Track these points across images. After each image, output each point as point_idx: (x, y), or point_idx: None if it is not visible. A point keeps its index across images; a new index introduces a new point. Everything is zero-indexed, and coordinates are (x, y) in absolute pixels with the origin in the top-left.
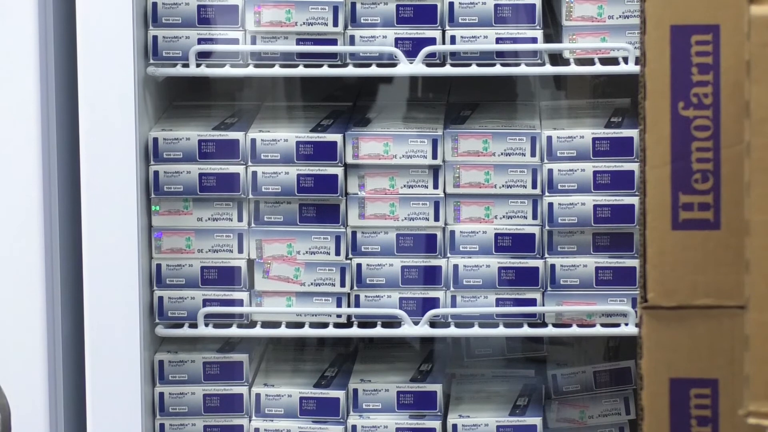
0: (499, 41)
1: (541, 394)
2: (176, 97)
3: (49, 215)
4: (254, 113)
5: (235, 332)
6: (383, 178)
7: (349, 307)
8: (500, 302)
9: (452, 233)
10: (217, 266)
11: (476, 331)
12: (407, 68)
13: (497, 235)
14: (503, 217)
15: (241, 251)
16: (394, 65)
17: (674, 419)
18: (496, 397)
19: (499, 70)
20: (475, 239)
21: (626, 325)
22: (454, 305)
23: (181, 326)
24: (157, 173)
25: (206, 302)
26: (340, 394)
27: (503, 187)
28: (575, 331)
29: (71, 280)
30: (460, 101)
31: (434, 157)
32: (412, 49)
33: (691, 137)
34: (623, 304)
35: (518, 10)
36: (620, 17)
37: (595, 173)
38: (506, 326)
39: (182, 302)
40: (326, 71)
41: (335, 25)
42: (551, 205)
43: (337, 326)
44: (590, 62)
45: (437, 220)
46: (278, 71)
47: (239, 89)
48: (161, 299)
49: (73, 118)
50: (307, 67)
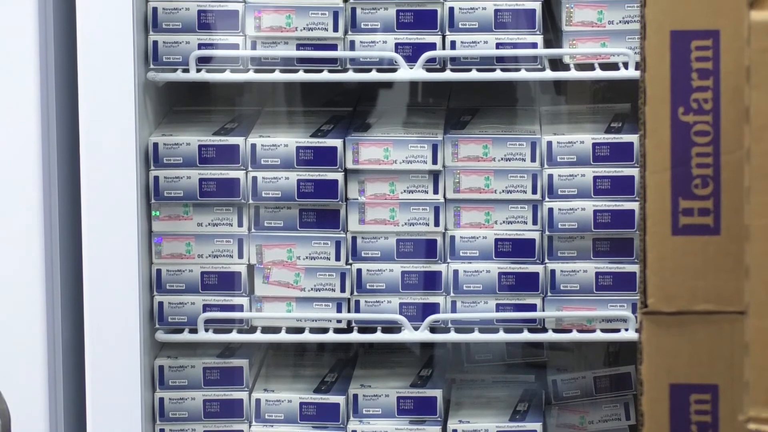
0: (499, 46)
1: (541, 399)
2: (176, 102)
3: (49, 220)
4: (254, 118)
5: (235, 337)
6: (383, 183)
7: (349, 312)
8: (500, 307)
9: (452, 238)
10: (217, 271)
11: (476, 336)
12: (407, 73)
13: (497, 240)
14: (503, 222)
15: (241, 256)
16: (394, 70)
17: (674, 425)
18: (496, 402)
19: (499, 75)
20: (475, 244)
21: (626, 330)
22: (454, 310)
23: (181, 331)
24: (157, 178)
25: (206, 307)
26: (340, 399)
27: (503, 192)
28: (575, 336)
29: (71, 285)
30: (460, 106)
31: (434, 162)
32: (412, 54)
33: (691, 142)
34: (623, 309)
35: (518, 15)
36: (620, 22)
37: (595, 178)
38: (506, 331)
39: (182, 307)
40: (326, 76)
41: (335, 30)
42: (551, 210)
43: (337, 331)
44: (590, 67)
45: (437, 225)
46: (278, 76)
47: (239, 94)
48: (161, 304)
49: (73, 123)
50: (307, 72)
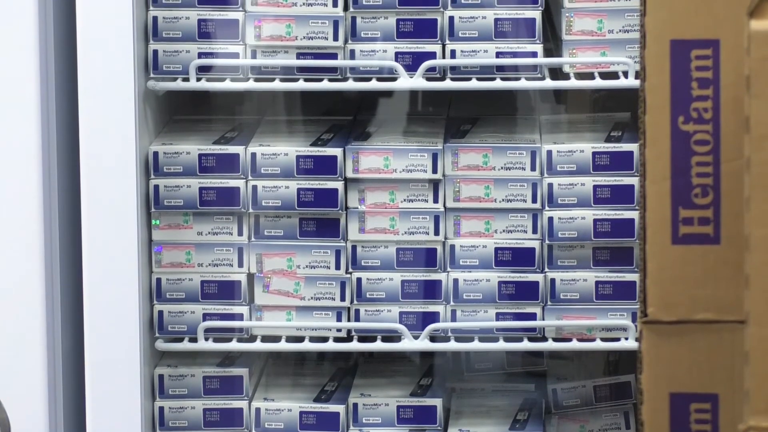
0: (499, 55)
1: (541, 408)
2: (176, 111)
3: (49, 229)
4: (254, 127)
5: (235, 346)
6: (383, 192)
7: (349, 321)
8: (500, 316)
9: (452, 247)
10: (217, 280)
11: (476, 345)
12: (407, 82)
13: (497, 249)
14: (503, 231)
15: (241, 265)
16: (394, 79)
17: None
18: (496, 411)
19: (499, 84)
20: (475, 253)
21: (626, 339)
22: (454, 319)
23: (181, 340)
24: (157, 187)
25: (206, 316)
26: (340, 408)
27: (503, 201)
28: (575, 345)
29: (71, 294)
30: (460, 115)
31: (434, 171)
32: (412, 63)
33: (691, 152)
34: (623, 318)
35: (518, 24)
36: (620, 31)
37: (595, 187)
38: (506, 340)
39: (182, 316)
40: (326, 85)
41: (335, 39)
42: (551, 219)
43: (337, 340)
44: (590, 76)
45: (437, 234)
46: (278, 85)
47: (239, 103)
48: (161, 313)
49: (73, 131)
50: (307, 81)
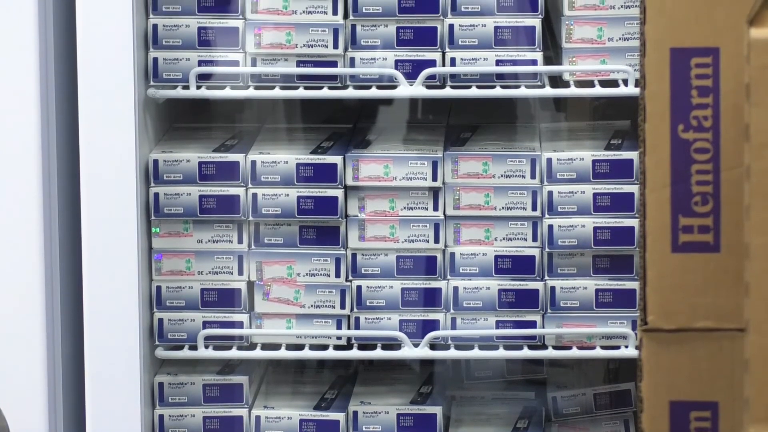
0: (499, 63)
1: (541, 416)
2: (176, 118)
3: (49, 237)
4: (254, 135)
5: (235, 354)
6: (383, 200)
7: (349, 329)
8: (500, 324)
9: (452, 255)
10: (217, 288)
11: (476, 353)
12: (407, 90)
13: (497, 257)
14: (503, 239)
15: (241, 273)
16: (394, 87)
17: None
18: (496, 419)
19: (499, 92)
20: (475, 261)
21: (626, 347)
22: (454, 327)
23: (181, 348)
24: (157, 195)
25: (206, 324)
26: (340, 416)
27: (503, 209)
28: (575, 353)
29: (71, 302)
30: (460, 123)
31: (434, 179)
32: (412, 71)
33: (690, 160)
34: (623, 326)
35: (518, 32)
36: (620, 39)
37: (595, 195)
38: (506, 348)
39: (182, 324)
40: (326, 93)
41: (335, 47)
42: (551, 227)
43: (337, 348)
44: (590, 84)
45: (437, 242)
46: (278, 93)
47: (239, 111)
48: (161, 321)
49: (73, 140)
50: (307, 89)
